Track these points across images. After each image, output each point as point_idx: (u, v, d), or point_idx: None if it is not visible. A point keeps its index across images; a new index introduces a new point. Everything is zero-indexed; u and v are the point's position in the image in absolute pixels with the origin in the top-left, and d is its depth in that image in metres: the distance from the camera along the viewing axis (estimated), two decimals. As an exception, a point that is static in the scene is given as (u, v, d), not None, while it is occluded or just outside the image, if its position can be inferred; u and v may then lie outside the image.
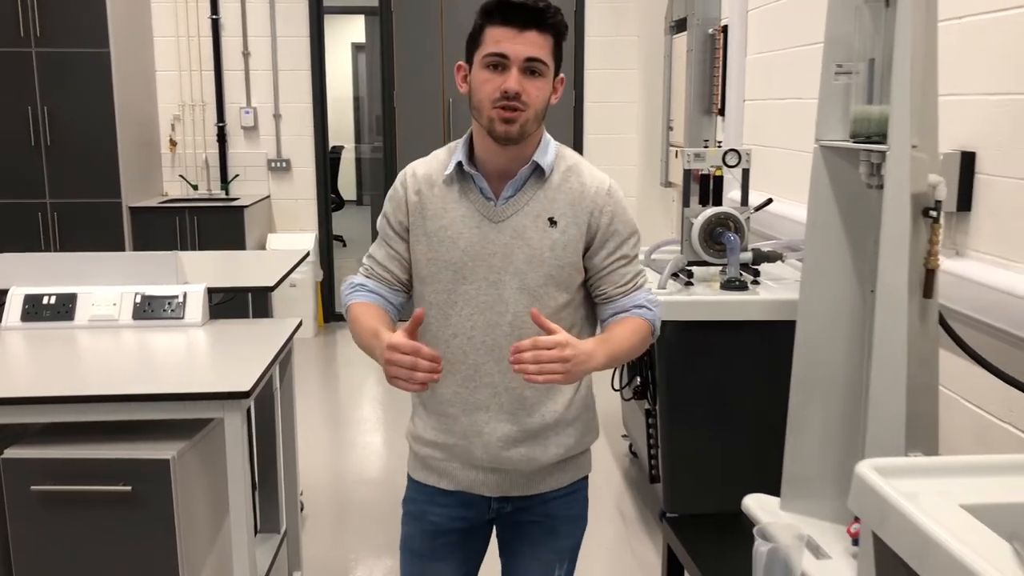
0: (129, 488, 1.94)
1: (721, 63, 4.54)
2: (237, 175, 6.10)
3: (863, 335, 2.13)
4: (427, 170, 1.72)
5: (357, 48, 12.13)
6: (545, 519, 1.80)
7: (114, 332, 2.44)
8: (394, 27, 6.15)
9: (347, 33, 11.70)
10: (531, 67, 1.58)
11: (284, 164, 6.13)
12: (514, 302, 1.66)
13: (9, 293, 2.50)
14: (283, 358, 2.48)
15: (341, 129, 11.17)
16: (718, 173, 3.35)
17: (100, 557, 1.99)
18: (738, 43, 4.38)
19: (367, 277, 1.77)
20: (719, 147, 3.32)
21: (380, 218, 1.78)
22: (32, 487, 1.94)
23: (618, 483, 3.80)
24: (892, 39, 1.85)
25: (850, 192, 2.09)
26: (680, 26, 4.97)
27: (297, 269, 3.13)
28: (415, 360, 1.47)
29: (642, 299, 1.73)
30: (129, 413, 1.98)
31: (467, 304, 1.67)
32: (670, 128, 5.37)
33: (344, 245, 9.23)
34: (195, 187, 6.03)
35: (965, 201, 2.46)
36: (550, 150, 1.70)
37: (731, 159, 3.23)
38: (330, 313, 6.35)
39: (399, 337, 1.49)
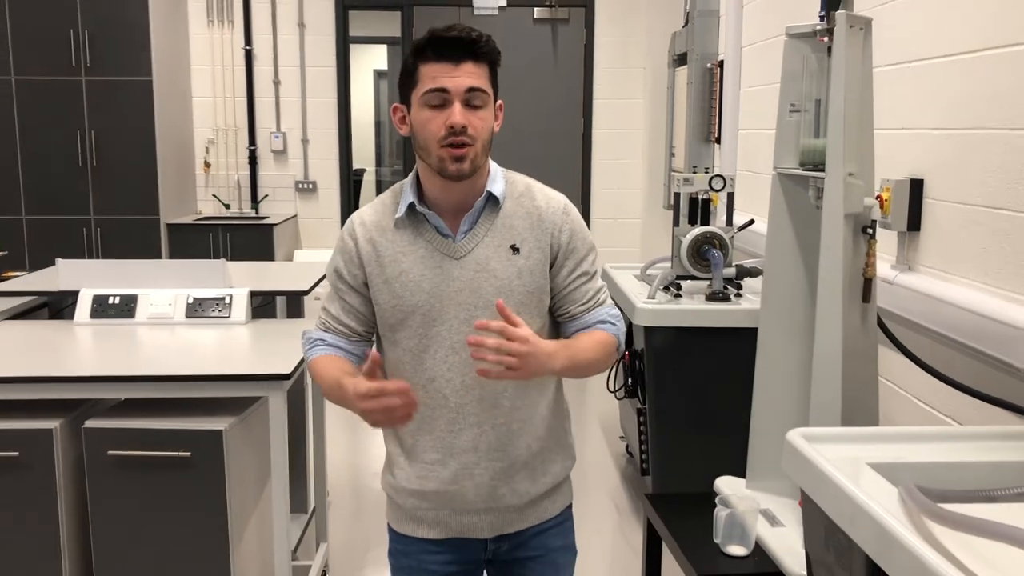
0: (188, 454, 2.31)
1: (718, 95, 4.90)
2: (267, 195, 6.51)
3: (812, 336, 2.48)
4: (375, 216, 1.68)
5: (379, 75, 12.58)
6: (544, 553, 1.78)
7: (170, 328, 2.82)
8: (415, 58, 6.56)
9: (370, 61, 12.16)
10: (472, 98, 1.57)
11: (311, 186, 6.54)
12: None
13: (80, 294, 2.89)
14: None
15: (363, 152, 11.59)
16: (716, 199, 3.71)
17: (163, 512, 2.35)
18: (733, 77, 4.73)
19: (325, 331, 1.72)
20: (706, 173, 3.68)
21: (330, 271, 1.73)
22: (108, 451, 2.32)
23: (614, 479, 4.13)
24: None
25: (802, 213, 2.44)
26: (682, 60, 5.35)
27: (321, 284, 3.51)
28: (386, 401, 1.44)
29: (604, 315, 1.73)
30: (188, 391, 2.35)
31: (441, 346, 1.64)
32: (672, 154, 5.74)
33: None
34: (227, 206, 6.44)
35: (915, 222, 2.80)
36: (499, 178, 1.68)
37: (716, 183, 3.59)
38: (351, 326, 6.73)
39: (363, 385, 1.46)
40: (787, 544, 2.29)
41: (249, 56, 6.37)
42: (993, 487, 1.43)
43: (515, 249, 1.66)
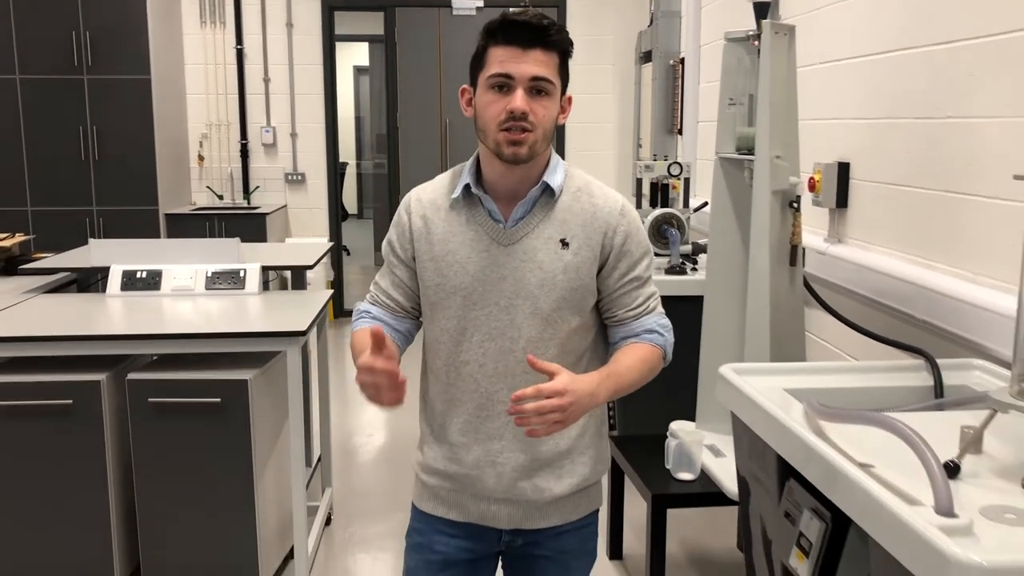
0: (219, 400, 2.70)
1: (680, 90, 5.32)
2: (258, 187, 6.87)
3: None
4: (432, 195, 1.69)
5: (359, 71, 12.93)
6: (558, 555, 1.76)
7: (192, 298, 3.20)
8: (397, 54, 6.95)
9: (350, 57, 12.50)
10: (537, 86, 1.54)
11: (299, 177, 6.91)
12: (527, 327, 1.62)
13: (111, 269, 3.26)
14: (320, 320, 3.24)
15: (344, 146, 11.94)
16: (676, 185, 4.13)
17: (196, 452, 2.74)
18: (693, 73, 5.15)
19: (372, 304, 1.74)
20: (665, 160, 4.10)
21: (384, 244, 1.75)
22: (149, 399, 2.70)
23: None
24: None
25: (739, 191, 2.86)
26: (647, 57, 5.77)
27: (311, 270, 3.86)
28: (372, 379, 1.46)
29: (653, 323, 1.70)
30: (216, 347, 2.74)
31: (478, 331, 1.63)
32: (639, 145, 6.16)
33: (348, 254, 9.99)
34: (220, 197, 6.80)
35: (843, 200, 3.23)
36: (559, 170, 1.66)
37: (674, 170, 4.01)
38: (339, 309, 7.11)
39: (366, 358, 1.46)
40: (728, 470, 2.71)
41: (240, 55, 6.72)
42: (872, 408, 1.86)
43: (564, 243, 1.62)
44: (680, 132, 5.32)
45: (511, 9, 1.58)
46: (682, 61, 5.27)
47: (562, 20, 6.90)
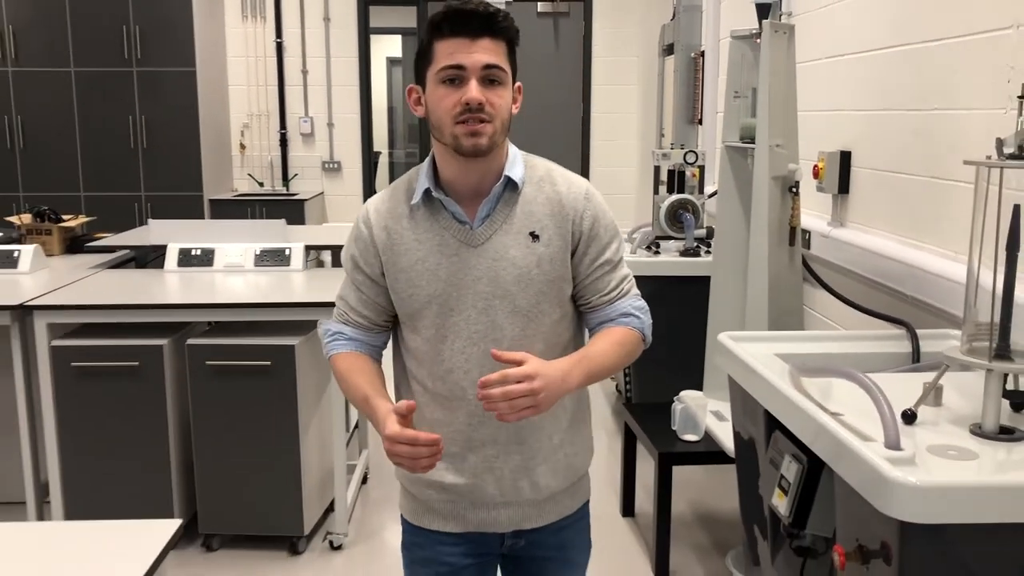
0: (269, 363, 3.00)
1: (701, 81, 5.55)
2: (296, 174, 7.19)
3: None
4: (390, 204, 1.62)
5: (391, 62, 13.22)
6: (559, 551, 1.75)
7: (242, 274, 3.50)
8: (429, 48, 7.22)
9: (383, 49, 12.79)
10: (490, 75, 1.50)
11: (336, 165, 7.22)
12: (509, 327, 1.58)
13: (168, 247, 3.57)
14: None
15: (377, 136, 12.23)
16: (695, 172, 4.36)
17: (248, 409, 3.04)
18: (712, 66, 5.37)
19: (344, 323, 1.68)
20: (682, 149, 4.34)
21: (345, 259, 1.68)
22: (206, 362, 3.01)
23: (604, 412, 4.81)
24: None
25: (744, 177, 3.10)
26: (670, 50, 5.99)
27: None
28: (414, 450, 1.42)
29: (628, 306, 1.67)
30: (266, 315, 3.04)
31: (458, 336, 1.58)
32: (662, 135, 6.39)
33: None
34: (261, 184, 7.12)
35: (844, 186, 3.45)
36: (518, 162, 1.61)
37: (690, 158, 4.25)
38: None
39: (395, 428, 1.44)
40: (729, 432, 2.95)
41: (280, 48, 7.03)
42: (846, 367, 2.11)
43: (535, 236, 1.58)
44: (700, 122, 5.54)
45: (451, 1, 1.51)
46: (702, 54, 5.49)
47: (588, 15, 7.14)
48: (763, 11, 2.87)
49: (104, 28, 6.22)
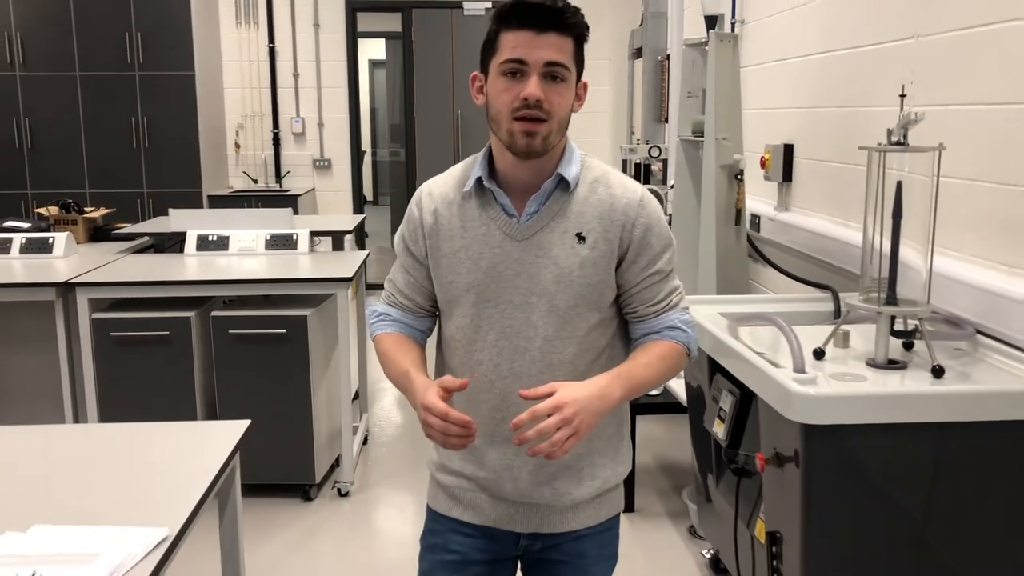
0: (284, 331, 3.43)
1: (667, 83, 6.01)
2: (288, 171, 7.60)
3: (706, 249, 3.61)
4: (443, 188, 1.63)
5: (374, 64, 13.62)
6: (576, 559, 1.69)
7: (255, 256, 3.92)
8: (414, 50, 7.65)
9: (366, 52, 13.18)
10: (552, 72, 1.47)
11: (326, 163, 7.64)
12: (543, 326, 1.55)
13: (187, 234, 3.99)
14: (358, 274, 3.96)
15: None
16: (660, 166, 4.82)
17: (267, 372, 3.46)
18: (677, 68, 5.82)
19: (390, 305, 1.70)
20: (647, 144, 4.80)
21: (398, 239, 1.69)
22: (229, 331, 3.43)
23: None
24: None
25: (696, 166, 3.56)
26: (638, 53, 6.45)
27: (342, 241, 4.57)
28: (446, 425, 1.41)
29: (675, 319, 1.62)
30: (281, 290, 3.47)
31: (492, 329, 1.57)
32: (632, 132, 6.85)
33: (366, 236, 10.71)
34: (255, 181, 7.52)
35: (788, 175, 3.92)
36: (575, 160, 1.59)
37: (655, 152, 4.71)
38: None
39: (432, 398, 1.43)
40: (683, 386, 3.42)
41: (272, 52, 7.44)
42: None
43: (581, 238, 1.55)
44: (666, 120, 6.00)
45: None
46: (668, 57, 5.95)
47: (563, 19, 7.58)
48: (710, 23, 3.33)
49: (108, 34, 6.61)
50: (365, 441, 4.22)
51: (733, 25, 4.30)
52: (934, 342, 2.35)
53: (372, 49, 13.12)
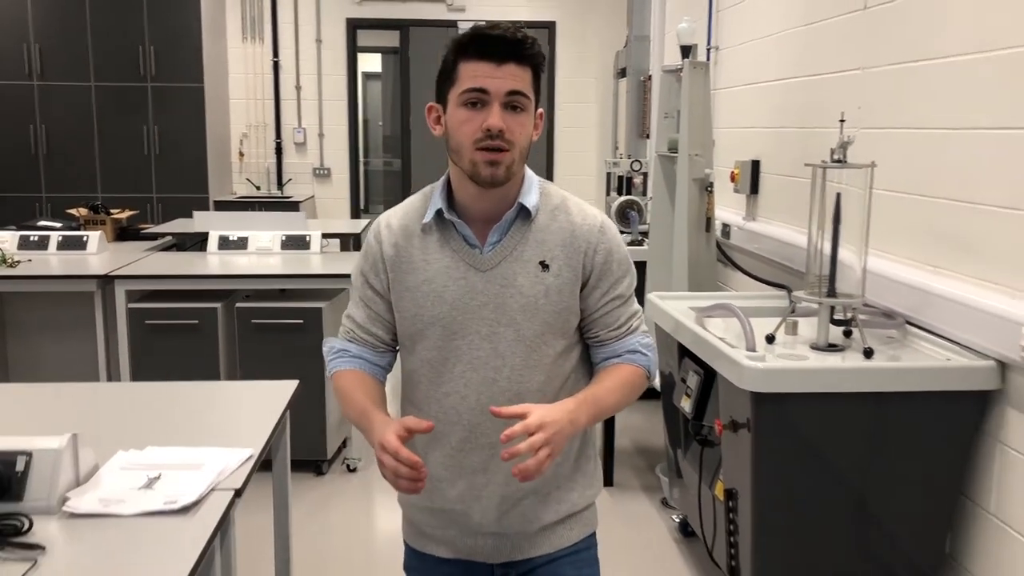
0: (302, 321, 3.82)
1: (649, 102, 6.44)
2: (290, 179, 7.99)
3: (681, 254, 4.03)
4: (403, 220, 1.61)
5: (367, 77, 14.02)
6: None
7: (271, 255, 4.31)
8: (410, 66, 8.06)
9: (360, 65, 13.58)
10: (513, 102, 1.49)
11: (326, 171, 8.03)
12: (511, 355, 1.56)
13: (210, 234, 4.37)
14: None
15: (354, 146, 13.06)
16: (640, 179, 5.24)
17: (286, 358, 3.84)
18: (657, 88, 6.26)
19: (349, 341, 1.67)
20: (629, 159, 5.22)
21: (355, 274, 1.66)
22: (252, 321, 3.82)
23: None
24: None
25: (671, 179, 3.98)
26: (623, 73, 6.89)
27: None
28: (396, 464, 1.40)
29: (635, 343, 1.64)
30: (298, 284, 3.86)
31: (459, 361, 1.57)
32: (616, 147, 7.28)
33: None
34: (258, 188, 7.91)
35: (755, 188, 4.34)
36: (534, 189, 1.60)
37: (635, 166, 5.13)
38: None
39: (389, 435, 1.42)
40: (656, 371, 3.83)
41: (276, 66, 7.84)
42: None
43: (544, 266, 1.56)
44: (648, 136, 6.44)
45: (480, 22, 1.54)
46: (649, 78, 6.39)
47: (552, 39, 8.04)
48: (685, 51, 3.76)
49: (122, 47, 6.99)
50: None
51: (709, 51, 4.73)
52: (869, 330, 2.77)
53: (365, 63, 13.51)
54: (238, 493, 1.59)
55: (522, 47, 1.49)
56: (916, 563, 2.66)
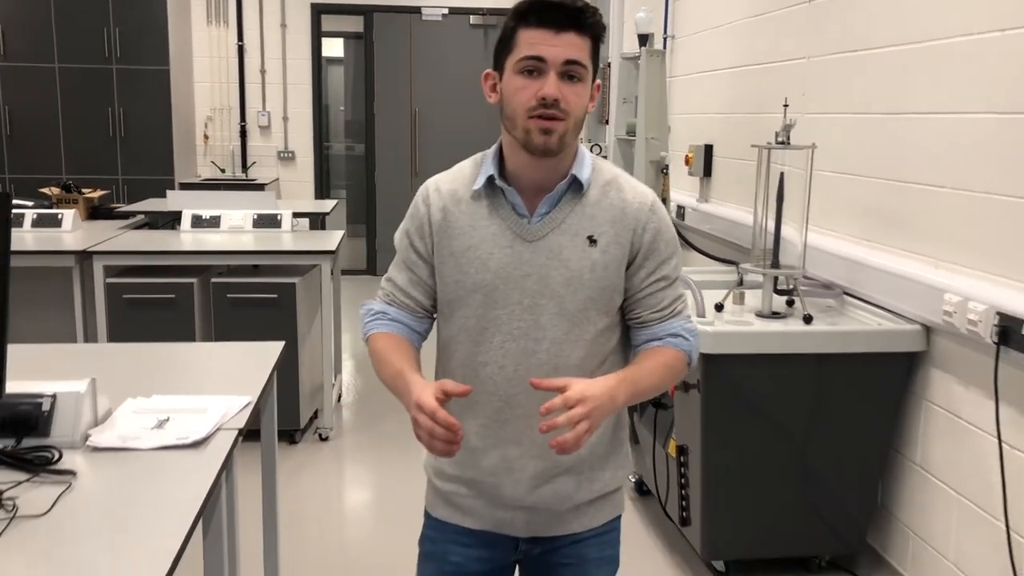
0: (276, 296, 3.97)
1: (608, 89, 6.65)
2: (255, 162, 8.08)
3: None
4: (452, 185, 1.60)
5: (328, 61, 14.06)
6: (577, 562, 1.68)
7: (244, 233, 4.45)
8: (374, 51, 8.18)
9: (323, 49, 13.62)
10: (570, 71, 1.46)
11: (290, 155, 8.14)
12: (551, 328, 1.54)
13: (183, 212, 4.50)
14: (336, 250, 4.51)
15: (316, 131, 13.12)
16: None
17: (260, 331, 3.97)
18: (616, 76, 6.47)
19: (388, 304, 1.64)
20: (589, 142, 5.43)
21: (400, 236, 1.65)
22: (227, 295, 3.96)
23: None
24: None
25: (629, 161, 4.19)
26: (583, 60, 7.07)
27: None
28: (432, 425, 1.37)
29: (678, 327, 1.61)
30: (272, 260, 4.00)
31: (499, 331, 1.55)
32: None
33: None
34: (223, 171, 7.99)
35: (708, 170, 4.58)
36: (587, 163, 1.58)
37: (595, 150, 5.33)
38: (322, 269, 8.37)
39: (427, 396, 1.39)
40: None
41: (241, 50, 7.91)
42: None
43: (592, 240, 1.54)
44: (607, 122, 6.65)
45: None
46: (609, 65, 6.59)
47: (514, 26, 8.18)
48: (642, 40, 3.96)
49: (87, 29, 7.02)
50: (339, 399, 4.77)
51: (665, 40, 4.95)
52: (809, 299, 3.01)
53: (327, 47, 13.55)
54: (241, 432, 1.76)
55: (582, 16, 1.47)
56: (851, 512, 2.92)
